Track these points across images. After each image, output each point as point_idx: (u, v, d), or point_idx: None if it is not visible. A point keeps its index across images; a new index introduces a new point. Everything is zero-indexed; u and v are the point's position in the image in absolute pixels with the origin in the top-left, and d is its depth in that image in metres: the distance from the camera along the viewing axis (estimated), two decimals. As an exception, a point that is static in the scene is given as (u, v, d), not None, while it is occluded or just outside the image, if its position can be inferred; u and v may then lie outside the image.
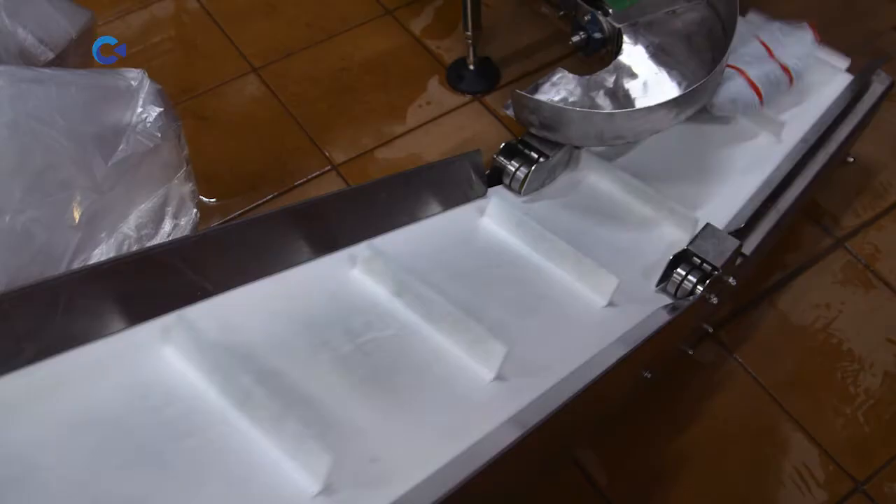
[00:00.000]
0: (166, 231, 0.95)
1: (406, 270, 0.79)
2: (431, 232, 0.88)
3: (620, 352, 0.77)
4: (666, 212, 0.99)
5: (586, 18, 1.08)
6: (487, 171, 0.97)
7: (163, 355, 0.66)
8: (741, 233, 0.96)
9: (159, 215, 0.95)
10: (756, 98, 1.04)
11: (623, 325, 0.85)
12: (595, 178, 1.03)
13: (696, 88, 0.93)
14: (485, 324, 0.75)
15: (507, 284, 0.87)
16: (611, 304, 0.87)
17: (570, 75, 1.00)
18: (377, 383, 0.71)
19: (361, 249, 0.80)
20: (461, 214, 0.92)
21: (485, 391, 0.73)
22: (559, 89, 1.00)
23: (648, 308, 0.88)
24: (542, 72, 1.38)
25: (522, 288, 0.87)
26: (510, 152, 0.98)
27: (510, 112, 0.97)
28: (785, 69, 1.06)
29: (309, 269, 0.78)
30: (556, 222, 0.95)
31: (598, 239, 0.95)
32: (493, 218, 0.92)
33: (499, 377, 0.74)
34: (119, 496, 0.57)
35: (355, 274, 0.80)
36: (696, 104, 0.97)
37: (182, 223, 0.96)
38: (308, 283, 0.77)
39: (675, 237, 0.97)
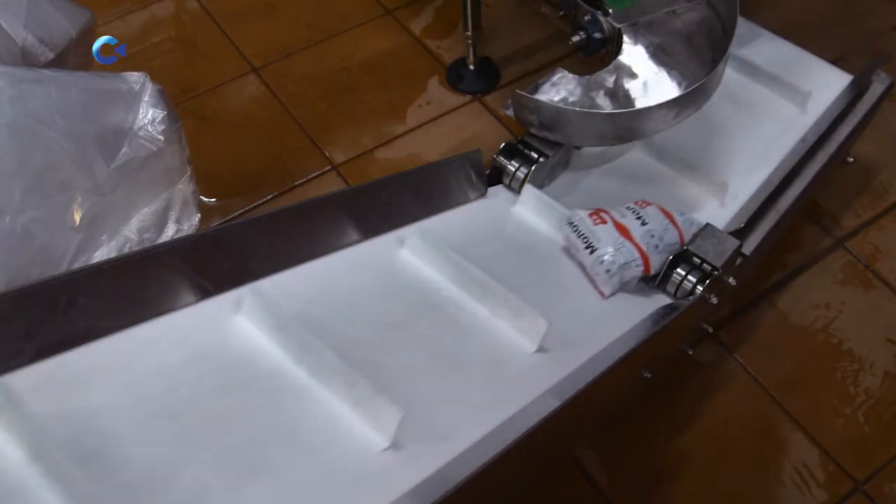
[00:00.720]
0: (169, 235, 0.95)
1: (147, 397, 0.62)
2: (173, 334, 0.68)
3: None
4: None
5: (586, 18, 1.08)
6: (487, 171, 0.97)
7: None
8: (741, 233, 0.96)
9: (162, 219, 0.95)
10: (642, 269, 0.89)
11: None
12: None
13: (696, 88, 0.93)
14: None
15: (280, 426, 0.66)
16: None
17: (570, 75, 1.00)
18: None
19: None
20: (240, 325, 0.71)
21: None
22: (559, 89, 1.00)
23: (648, 308, 0.88)
24: (542, 72, 1.38)
25: (299, 425, 0.66)
26: (510, 152, 0.98)
27: (510, 112, 0.98)
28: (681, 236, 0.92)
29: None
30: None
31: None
32: (251, 320, 0.72)
33: None
34: None
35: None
36: (696, 104, 0.97)
37: (185, 228, 0.96)
38: None
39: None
